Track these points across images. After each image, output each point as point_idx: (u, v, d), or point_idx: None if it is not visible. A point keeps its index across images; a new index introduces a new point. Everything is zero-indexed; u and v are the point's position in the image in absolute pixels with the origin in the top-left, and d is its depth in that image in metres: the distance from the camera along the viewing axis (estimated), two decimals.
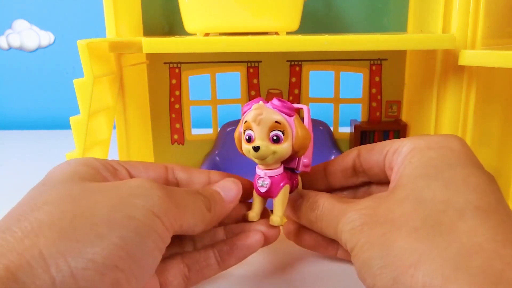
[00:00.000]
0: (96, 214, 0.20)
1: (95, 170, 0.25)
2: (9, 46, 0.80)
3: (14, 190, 0.48)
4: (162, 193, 0.22)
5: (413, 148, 0.25)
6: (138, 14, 0.42)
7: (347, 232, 0.24)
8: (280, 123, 0.26)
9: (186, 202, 0.24)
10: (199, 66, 0.45)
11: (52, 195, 0.21)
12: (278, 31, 0.37)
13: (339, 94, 0.46)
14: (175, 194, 0.24)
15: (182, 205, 0.24)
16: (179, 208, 0.23)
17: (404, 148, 0.26)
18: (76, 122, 0.32)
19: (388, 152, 0.27)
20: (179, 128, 0.46)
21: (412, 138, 0.27)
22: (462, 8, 0.33)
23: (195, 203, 0.25)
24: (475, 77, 0.35)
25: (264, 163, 0.27)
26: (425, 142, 0.25)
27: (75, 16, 0.79)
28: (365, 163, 0.29)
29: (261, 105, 0.27)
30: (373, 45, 0.32)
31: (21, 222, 0.19)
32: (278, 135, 0.26)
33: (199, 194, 0.26)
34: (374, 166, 0.28)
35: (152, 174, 0.28)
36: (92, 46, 0.32)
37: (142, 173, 0.27)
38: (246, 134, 0.27)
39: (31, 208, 0.20)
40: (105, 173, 0.25)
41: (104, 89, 0.36)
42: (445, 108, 0.36)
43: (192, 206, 0.25)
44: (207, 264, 0.27)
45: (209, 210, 0.26)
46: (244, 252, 0.28)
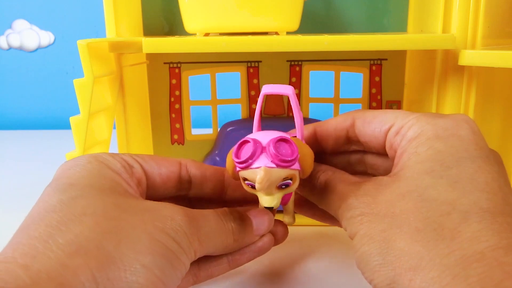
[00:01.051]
0: (137, 240, 0.21)
1: (116, 172, 0.24)
2: (9, 46, 0.80)
3: (14, 190, 0.49)
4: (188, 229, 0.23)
5: (419, 134, 0.24)
6: (138, 14, 0.42)
7: (347, 220, 0.24)
8: (288, 175, 0.24)
9: (211, 235, 0.24)
10: (199, 66, 0.45)
11: (88, 206, 0.21)
12: (278, 31, 0.37)
13: (339, 94, 0.46)
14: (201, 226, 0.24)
15: (205, 239, 0.24)
16: (201, 243, 0.24)
17: (410, 132, 0.24)
18: (76, 122, 0.32)
19: (390, 131, 0.26)
20: (179, 128, 0.46)
21: (418, 119, 0.25)
22: (462, 8, 0.33)
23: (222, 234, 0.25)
24: (475, 77, 0.35)
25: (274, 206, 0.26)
26: (433, 129, 0.24)
27: (75, 16, 0.79)
28: (361, 136, 0.28)
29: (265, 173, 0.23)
30: (373, 45, 0.32)
31: (64, 233, 0.19)
32: (287, 183, 0.25)
33: (231, 222, 0.26)
34: (372, 141, 0.27)
35: (165, 171, 0.27)
36: (92, 46, 0.32)
37: (155, 170, 0.27)
38: (249, 183, 0.25)
39: (68, 217, 0.20)
40: (124, 174, 0.25)
41: (104, 89, 0.36)
42: (445, 108, 0.36)
43: (218, 238, 0.25)
44: (218, 264, 0.27)
45: (236, 241, 0.26)
46: (255, 254, 0.28)
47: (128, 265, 0.19)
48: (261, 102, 0.27)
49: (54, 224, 0.20)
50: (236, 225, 0.26)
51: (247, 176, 0.25)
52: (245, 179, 0.25)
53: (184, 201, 0.30)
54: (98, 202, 0.22)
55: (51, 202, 0.22)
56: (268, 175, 0.23)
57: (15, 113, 0.83)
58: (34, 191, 0.23)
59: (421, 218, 0.21)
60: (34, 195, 0.23)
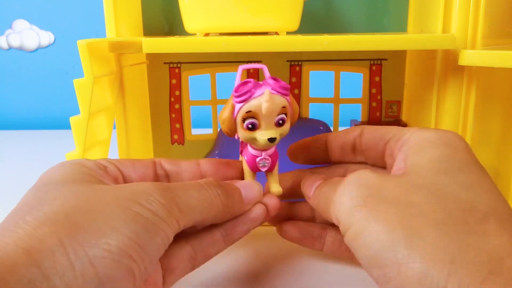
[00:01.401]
0: (107, 210, 0.21)
1: (89, 169, 0.25)
2: (9, 46, 0.80)
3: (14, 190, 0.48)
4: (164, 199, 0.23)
5: (424, 139, 0.25)
6: (138, 14, 0.42)
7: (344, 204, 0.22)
8: (285, 107, 0.27)
9: (192, 202, 0.24)
10: (199, 66, 0.45)
11: (59, 193, 0.22)
12: (278, 31, 0.37)
13: (339, 94, 0.46)
14: (178, 195, 0.24)
15: (186, 207, 0.24)
16: (183, 212, 0.23)
17: (412, 139, 0.25)
18: (76, 122, 0.32)
19: (390, 140, 0.27)
20: (179, 128, 0.46)
21: (418, 129, 0.26)
22: (462, 8, 0.33)
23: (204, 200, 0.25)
24: (475, 77, 0.35)
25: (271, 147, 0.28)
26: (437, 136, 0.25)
27: (75, 16, 0.79)
28: (364, 144, 0.28)
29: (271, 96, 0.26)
30: (373, 45, 0.32)
31: (34, 213, 0.20)
32: (284, 118, 0.27)
33: (216, 187, 0.26)
34: (372, 149, 0.28)
35: (140, 170, 0.28)
36: (92, 46, 0.32)
37: (130, 170, 0.27)
38: (249, 122, 0.26)
39: (41, 203, 0.21)
40: (98, 171, 0.25)
41: (104, 89, 0.36)
42: (445, 108, 0.36)
43: (200, 204, 0.25)
44: (213, 241, 0.27)
45: (226, 206, 0.26)
46: (249, 226, 0.28)
47: (98, 230, 0.20)
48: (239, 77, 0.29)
49: (26, 209, 0.21)
50: (223, 191, 0.26)
51: (250, 107, 0.26)
52: (244, 120, 0.26)
53: None
54: (69, 188, 0.22)
55: (26, 199, 0.22)
56: (272, 98, 0.26)
57: (15, 113, 0.83)
58: None
59: (443, 212, 0.21)
60: None
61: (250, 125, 0.26)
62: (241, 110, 0.26)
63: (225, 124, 0.27)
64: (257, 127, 0.26)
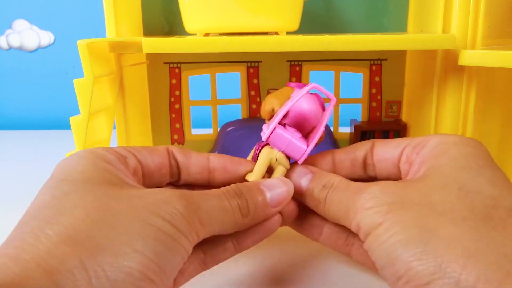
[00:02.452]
0: (129, 226, 0.20)
1: (110, 164, 0.24)
2: (9, 46, 0.80)
3: (14, 190, 0.49)
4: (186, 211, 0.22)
5: (444, 141, 0.25)
6: (138, 14, 0.42)
7: (368, 210, 0.22)
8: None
9: (213, 214, 0.23)
10: (199, 66, 0.45)
11: (80, 199, 0.21)
12: (278, 31, 0.37)
13: (339, 94, 0.46)
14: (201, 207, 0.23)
15: (208, 219, 0.23)
16: (203, 224, 0.23)
17: (432, 142, 0.25)
18: (76, 122, 0.32)
19: (407, 147, 0.26)
20: (179, 128, 0.46)
21: (435, 135, 0.26)
22: (462, 8, 0.33)
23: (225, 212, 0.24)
24: (475, 77, 0.35)
25: None
26: (455, 139, 0.25)
27: (75, 16, 0.79)
28: (377, 156, 0.28)
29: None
30: (373, 45, 0.32)
31: (54, 226, 0.20)
32: None
33: (235, 197, 0.25)
34: (387, 159, 0.27)
35: (157, 160, 0.27)
36: (92, 46, 0.32)
37: (148, 160, 0.27)
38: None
39: (60, 211, 0.20)
40: (118, 165, 0.25)
41: (104, 89, 0.36)
42: (445, 108, 0.36)
43: (221, 216, 0.24)
44: (224, 248, 0.26)
45: (246, 216, 0.25)
46: (262, 235, 0.27)
47: (119, 251, 0.19)
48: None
49: (46, 218, 0.20)
50: (242, 200, 0.25)
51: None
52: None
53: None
54: (89, 194, 0.22)
55: (45, 198, 0.22)
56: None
57: (15, 113, 0.83)
58: (34, 191, 0.23)
59: (466, 208, 0.21)
60: (34, 195, 0.23)
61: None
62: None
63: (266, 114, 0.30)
64: None
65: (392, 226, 0.21)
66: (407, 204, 0.21)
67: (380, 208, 0.22)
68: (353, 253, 0.28)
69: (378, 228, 0.21)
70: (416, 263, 0.19)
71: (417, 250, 0.19)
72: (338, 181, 0.26)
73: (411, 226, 0.20)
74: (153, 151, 0.28)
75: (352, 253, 0.29)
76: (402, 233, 0.20)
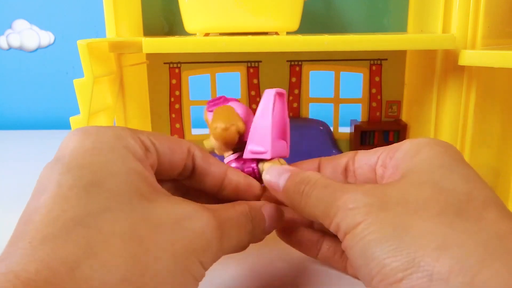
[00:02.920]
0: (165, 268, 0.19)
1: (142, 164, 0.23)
2: (9, 46, 0.80)
3: (14, 190, 0.48)
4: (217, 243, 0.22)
5: (416, 144, 0.25)
6: (138, 14, 0.42)
7: (349, 211, 0.22)
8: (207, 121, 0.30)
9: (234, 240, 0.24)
10: (199, 66, 0.45)
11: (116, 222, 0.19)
12: (278, 31, 0.37)
13: (339, 94, 0.46)
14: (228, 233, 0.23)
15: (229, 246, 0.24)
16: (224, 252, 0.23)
17: (405, 145, 0.26)
18: (76, 122, 0.32)
19: (383, 152, 0.27)
20: (179, 128, 0.46)
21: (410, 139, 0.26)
22: (462, 8, 0.33)
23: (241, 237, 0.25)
24: (475, 77, 0.35)
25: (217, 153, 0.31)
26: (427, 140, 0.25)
27: (75, 16, 0.79)
28: (356, 163, 0.29)
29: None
30: (373, 45, 0.32)
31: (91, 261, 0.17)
32: None
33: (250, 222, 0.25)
34: (365, 164, 0.28)
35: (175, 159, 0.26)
36: (92, 46, 0.32)
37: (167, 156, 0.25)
38: None
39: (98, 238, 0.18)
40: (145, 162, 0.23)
41: (104, 89, 0.36)
42: (445, 108, 0.36)
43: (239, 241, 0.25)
44: None
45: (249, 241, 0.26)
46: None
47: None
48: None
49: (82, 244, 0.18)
50: (252, 226, 0.25)
51: None
52: None
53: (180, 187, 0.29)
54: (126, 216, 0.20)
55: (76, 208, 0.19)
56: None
57: (15, 113, 0.83)
58: None
59: (440, 204, 0.21)
60: None
61: None
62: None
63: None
64: None
65: (369, 225, 0.21)
66: (386, 205, 0.22)
67: (361, 209, 0.22)
68: (348, 267, 0.29)
69: (356, 228, 0.21)
70: (390, 260, 0.19)
71: (391, 247, 0.20)
72: (316, 178, 0.25)
73: (387, 225, 0.20)
74: (174, 149, 0.26)
75: (347, 267, 0.29)
76: (377, 232, 0.20)
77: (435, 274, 0.18)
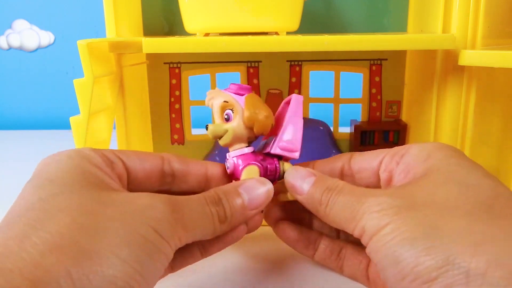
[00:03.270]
0: (114, 233, 0.20)
1: (96, 167, 0.24)
2: (9, 46, 0.80)
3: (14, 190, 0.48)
4: (171, 216, 0.22)
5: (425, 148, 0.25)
6: (138, 14, 0.42)
7: (375, 213, 0.22)
8: (227, 102, 0.28)
9: (196, 220, 0.24)
10: (199, 66, 0.45)
11: (66, 203, 0.21)
12: (278, 31, 0.37)
13: (339, 94, 0.46)
14: (185, 212, 0.23)
15: (191, 225, 0.23)
16: (186, 230, 0.23)
17: (413, 150, 0.26)
18: (76, 122, 0.32)
19: (385, 156, 0.27)
20: (179, 128, 0.46)
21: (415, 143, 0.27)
22: (462, 8, 0.33)
23: (206, 218, 0.24)
24: (475, 77, 0.35)
25: (223, 142, 0.29)
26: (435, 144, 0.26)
27: (75, 16, 0.79)
28: (355, 166, 0.28)
29: (212, 90, 0.29)
30: (373, 45, 0.32)
31: (39, 232, 0.19)
32: (228, 113, 0.28)
33: (213, 204, 0.25)
34: (366, 169, 0.28)
35: (148, 166, 0.27)
36: (92, 46, 0.32)
37: (137, 165, 0.27)
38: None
39: (46, 215, 0.20)
40: (105, 168, 0.25)
41: (104, 89, 0.36)
42: (445, 108, 0.36)
43: (202, 222, 0.24)
44: (191, 255, 0.27)
45: (223, 222, 0.25)
46: (227, 243, 0.27)
47: (105, 258, 0.19)
48: None
49: (31, 222, 0.20)
50: (220, 208, 0.25)
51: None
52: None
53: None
54: (76, 198, 0.21)
55: (30, 199, 0.21)
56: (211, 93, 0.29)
57: (15, 113, 0.83)
58: None
59: (469, 201, 0.21)
60: None
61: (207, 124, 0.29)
62: None
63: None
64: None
65: (398, 226, 0.21)
66: (413, 206, 0.22)
67: (388, 210, 0.22)
68: (344, 267, 0.29)
69: (384, 229, 0.21)
70: (423, 258, 0.19)
71: (423, 246, 0.19)
72: (342, 184, 0.26)
73: (417, 225, 0.20)
74: (145, 158, 0.27)
75: (343, 267, 0.29)
76: (408, 232, 0.20)
77: (472, 270, 0.18)
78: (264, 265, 0.32)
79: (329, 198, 0.25)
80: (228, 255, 0.33)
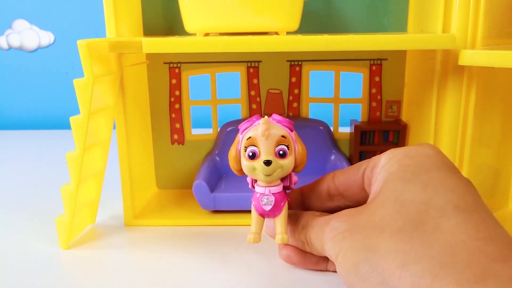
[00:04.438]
0: None
1: None
2: (9, 46, 0.80)
3: (14, 190, 0.49)
4: None
5: (390, 158, 0.26)
6: (138, 14, 0.42)
7: (330, 241, 0.25)
8: (286, 138, 0.27)
9: None
10: (199, 66, 0.45)
11: None
12: (278, 31, 0.37)
13: (339, 94, 0.46)
14: None
15: None
16: None
17: (382, 160, 0.26)
18: (76, 122, 0.32)
19: (366, 170, 0.28)
20: (179, 128, 0.46)
21: (390, 151, 0.27)
22: (462, 8, 0.33)
23: None
24: (475, 77, 0.35)
25: (270, 179, 0.27)
26: (402, 152, 0.26)
27: (75, 16, 0.79)
28: (341, 186, 0.29)
29: (268, 120, 0.27)
30: (373, 45, 0.32)
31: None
32: (284, 149, 0.27)
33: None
34: (352, 186, 0.29)
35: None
36: (92, 46, 0.32)
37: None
38: (249, 150, 0.27)
39: None
40: None
41: (104, 89, 0.36)
42: (445, 108, 0.36)
43: None
44: None
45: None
46: None
47: None
48: None
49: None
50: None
51: (250, 133, 0.27)
52: (246, 148, 0.27)
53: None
54: None
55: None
56: (269, 122, 0.27)
57: (15, 113, 0.84)
58: (34, 191, 0.23)
59: (401, 219, 0.22)
60: (34, 195, 0.23)
61: (250, 153, 0.27)
62: (243, 138, 0.27)
63: (232, 159, 0.28)
64: (257, 156, 0.26)
65: (345, 253, 0.23)
66: (357, 228, 0.24)
67: (337, 236, 0.24)
68: None
69: (338, 257, 0.24)
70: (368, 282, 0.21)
71: (364, 270, 0.22)
72: (310, 219, 0.28)
73: (359, 249, 0.23)
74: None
75: None
76: (352, 258, 0.23)
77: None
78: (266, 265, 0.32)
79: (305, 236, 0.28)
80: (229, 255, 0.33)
